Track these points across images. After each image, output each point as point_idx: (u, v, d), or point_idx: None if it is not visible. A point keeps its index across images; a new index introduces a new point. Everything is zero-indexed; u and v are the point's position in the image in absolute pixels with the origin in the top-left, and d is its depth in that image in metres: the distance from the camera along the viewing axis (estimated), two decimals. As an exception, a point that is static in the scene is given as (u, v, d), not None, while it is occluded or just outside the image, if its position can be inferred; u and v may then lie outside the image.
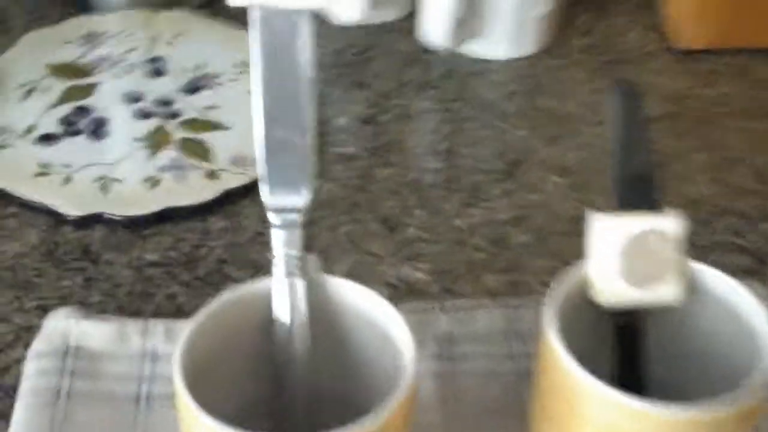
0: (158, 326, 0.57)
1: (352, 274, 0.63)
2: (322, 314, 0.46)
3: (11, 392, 0.55)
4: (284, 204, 0.45)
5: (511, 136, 0.75)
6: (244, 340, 0.46)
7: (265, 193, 0.45)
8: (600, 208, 0.48)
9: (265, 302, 0.46)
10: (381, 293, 0.47)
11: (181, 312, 0.61)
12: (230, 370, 0.46)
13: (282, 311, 0.45)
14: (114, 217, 0.66)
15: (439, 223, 0.68)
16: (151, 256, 0.65)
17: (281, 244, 0.45)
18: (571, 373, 0.43)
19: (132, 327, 0.57)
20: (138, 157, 0.70)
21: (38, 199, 0.67)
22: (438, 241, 0.66)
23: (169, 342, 0.56)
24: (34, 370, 0.55)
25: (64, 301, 0.62)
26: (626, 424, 0.42)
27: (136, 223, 0.66)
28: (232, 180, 0.68)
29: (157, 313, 0.61)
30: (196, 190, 0.67)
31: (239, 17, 0.72)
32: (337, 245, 0.66)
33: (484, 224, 0.68)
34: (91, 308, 0.61)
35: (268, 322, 0.46)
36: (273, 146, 0.44)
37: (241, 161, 0.70)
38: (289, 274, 0.45)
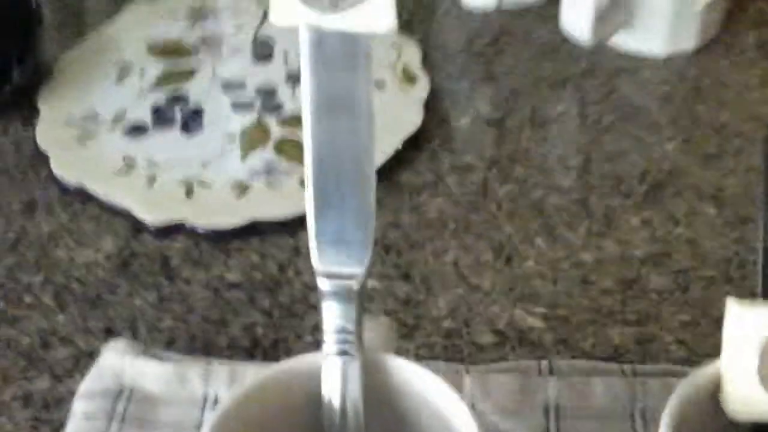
0: (222, 370, 0.50)
1: (454, 312, 0.55)
2: (378, 397, 0.39)
3: (60, 429, 0.50)
4: (338, 270, 0.37)
5: (659, 152, 0.64)
6: (285, 426, 0.39)
7: (314, 255, 0.37)
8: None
9: (311, 382, 0.38)
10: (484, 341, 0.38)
11: (256, 346, 0.54)
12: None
13: (332, 394, 0.38)
14: (197, 229, 0.59)
15: (563, 256, 0.58)
16: (232, 276, 0.58)
17: (333, 316, 0.37)
18: None
19: (193, 369, 0.50)
20: (230, 158, 0.63)
21: (119, 202, 0.61)
22: (559, 280, 0.57)
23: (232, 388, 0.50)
24: (81, 412, 0.49)
25: (132, 323, 0.56)
26: None
27: (220, 236, 0.60)
28: (330, 192, 0.61)
29: (231, 346, 0.54)
30: (289, 200, 0.60)
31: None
32: (440, 275, 0.57)
33: (616, 261, 0.58)
34: (159, 335, 0.55)
35: (314, 405, 0.38)
36: (325, 198, 0.36)
37: (342, 170, 0.62)
38: (342, 352, 0.37)
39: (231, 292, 0.57)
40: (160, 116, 0.66)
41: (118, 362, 0.50)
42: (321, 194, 0.36)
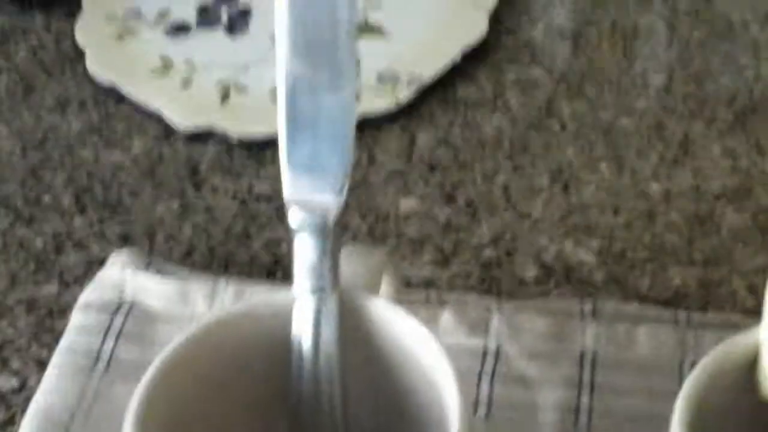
0: (229, 290, 0.46)
1: (497, 241, 0.50)
2: (353, 339, 0.34)
3: (61, 339, 0.47)
4: (311, 199, 0.32)
5: (753, 75, 0.57)
6: (248, 367, 0.34)
7: (285, 182, 0.32)
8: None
9: (281, 322, 0.33)
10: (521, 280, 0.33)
11: (278, 264, 0.50)
12: (225, 412, 0.35)
13: (303, 335, 0.33)
14: (229, 136, 0.55)
15: (628, 185, 0.52)
16: (261, 187, 0.53)
17: (306, 251, 0.32)
18: None
19: (197, 287, 0.46)
20: (272, 63, 0.58)
21: (151, 104, 0.57)
22: (620, 211, 0.51)
23: (240, 310, 0.45)
24: (77, 325, 0.46)
25: (150, 231, 0.52)
26: None
27: (253, 145, 0.55)
28: (375, 103, 0.55)
29: (252, 262, 0.50)
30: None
31: None
32: (487, 199, 0.52)
33: (688, 194, 0.51)
34: (177, 246, 0.51)
35: (283, 347, 0.34)
36: (299, 119, 0.31)
37: (391, 79, 0.57)
38: (315, 291, 0.32)
39: (258, 204, 0.53)
40: (206, 15, 0.61)
41: (119, 275, 0.47)
42: (294, 114, 0.32)
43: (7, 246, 0.52)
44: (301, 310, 0.33)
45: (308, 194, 0.32)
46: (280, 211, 0.52)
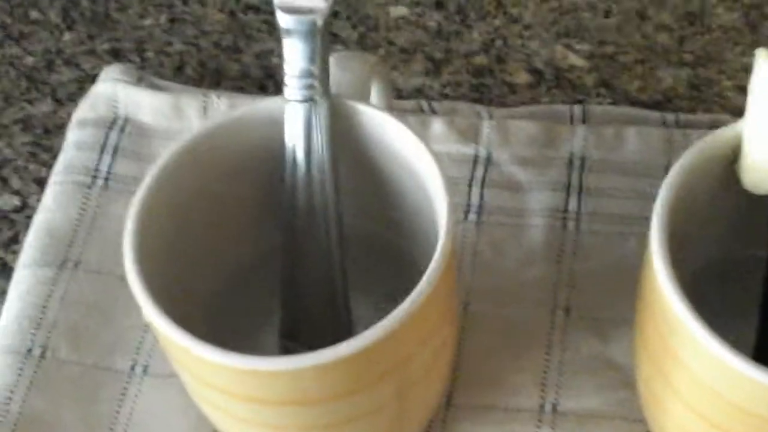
0: (222, 103, 0.46)
1: (488, 48, 0.49)
2: (344, 145, 0.34)
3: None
4: (300, 4, 0.31)
5: None
6: (241, 175, 0.35)
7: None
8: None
9: (273, 129, 0.34)
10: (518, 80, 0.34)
11: (269, 77, 0.50)
12: (220, 221, 0.36)
13: (295, 142, 0.33)
14: (214, -57, 0.54)
15: (619, -15, 0.51)
16: (250, -2, 0.53)
17: (295, 57, 0.32)
18: (680, 322, 0.29)
19: (190, 101, 0.46)
20: None
21: None
22: (611, 12, 0.50)
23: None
24: (73, 141, 0.46)
25: (140, 46, 0.52)
26: (743, 395, 0.29)
27: (240, -47, 0.54)
28: None
29: (243, 75, 0.50)
30: None
31: None
32: (478, 4, 0.51)
33: (680, -8, 0.51)
34: (168, 60, 0.51)
35: (275, 154, 0.34)
36: None
37: None
38: (306, 98, 0.32)
39: (247, 15, 0.52)
40: None
41: (112, 90, 0.47)
42: None
43: (-3, 65, 0.52)
44: (292, 117, 0.33)
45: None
46: (269, 23, 0.52)
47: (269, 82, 0.50)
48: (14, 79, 0.51)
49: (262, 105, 0.34)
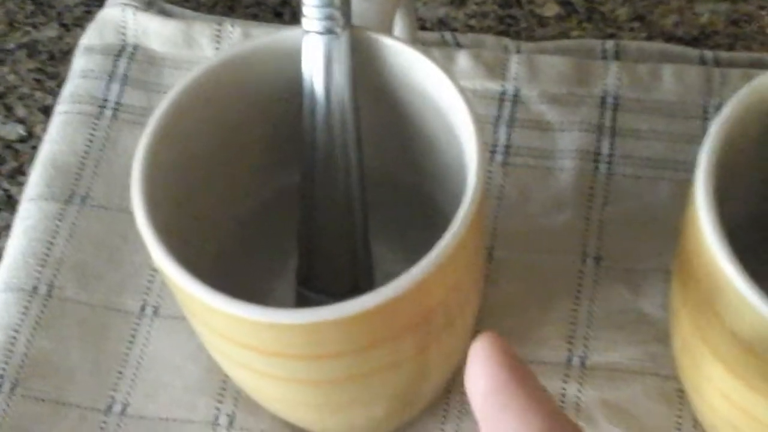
0: (235, 32, 0.44)
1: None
2: (365, 79, 0.32)
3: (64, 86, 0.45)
4: None
5: None
6: (256, 113, 0.33)
7: None
8: None
9: (292, 60, 0.32)
10: None
11: (285, 4, 0.47)
12: (235, 154, 0.34)
13: (314, 75, 0.31)
14: None
15: None
16: None
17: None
18: (727, 281, 0.27)
19: (202, 29, 0.44)
20: None
21: None
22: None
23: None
24: (80, 69, 0.44)
25: (151, -31, 0.49)
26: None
27: None
28: None
29: (258, 1, 0.48)
30: None
31: None
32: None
33: None
34: (179, -16, 0.48)
35: (294, 87, 0.32)
36: None
37: None
38: (325, 30, 0.30)
39: (263, -62, 0.50)
40: None
41: (120, 16, 0.44)
42: None
43: (1, -14, 0.49)
44: (311, 49, 0.31)
45: None
46: (286, -54, 0.49)
47: (285, 10, 0.47)
48: (18, 1, 0.49)
49: (279, 36, 0.32)
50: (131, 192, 0.30)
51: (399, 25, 0.34)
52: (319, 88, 0.31)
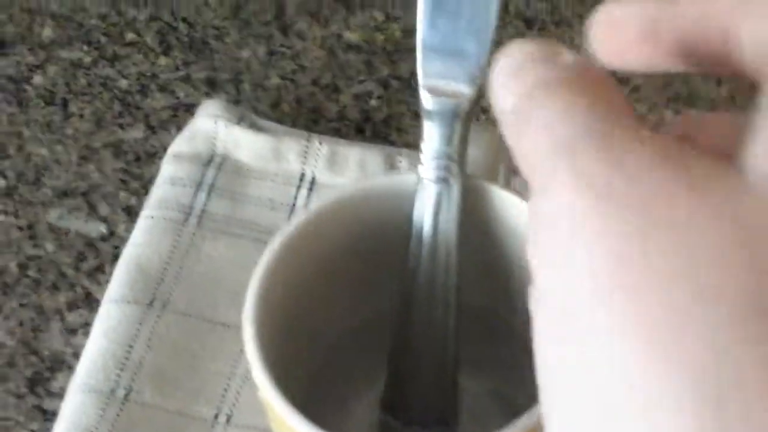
0: (323, 148, 0.45)
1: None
2: (470, 223, 0.33)
3: (149, 186, 0.46)
4: (444, 86, 0.30)
5: None
6: (361, 251, 0.34)
7: (420, 66, 0.30)
8: None
9: (402, 204, 0.33)
10: None
11: (367, 120, 0.49)
12: (340, 290, 0.34)
13: (424, 220, 0.32)
14: (317, -24, 0.53)
15: None
16: (351, 36, 0.52)
17: (435, 138, 0.31)
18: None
19: (291, 144, 0.45)
20: None
21: (235, -64, 0.54)
22: (723, 81, 0.49)
23: (331, 170, 0.45)
24: (169, 176, 0.45)
25: (236, 77, 0.50)
26: None
27: (343, -12, 0.53)
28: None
29: (340, 116, 0.49)
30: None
31: None
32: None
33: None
34: (264, 95, 0.50)
35: (402, 229, 0.33)
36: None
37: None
38: (440, 180, 0.31)
39: (347, 54, 0.51)
40: None
41: (212, 126, 0.46)
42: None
43: (91, 85, 0.51)
44: (424, 195, 0.32)
45: (442, 80, 0.30)
46: (369, 64, 0.51)
47: (367, 125, 0.49)
48: (107, 101, 0.50)
49: (394, 179, 0.33)
50: (243, 320, 0.31)
51: (502, 167, 0.35)
52: (427, 232, 0.32)
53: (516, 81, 0.22)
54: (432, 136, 0.31)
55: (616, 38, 0.23)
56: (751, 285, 0.17)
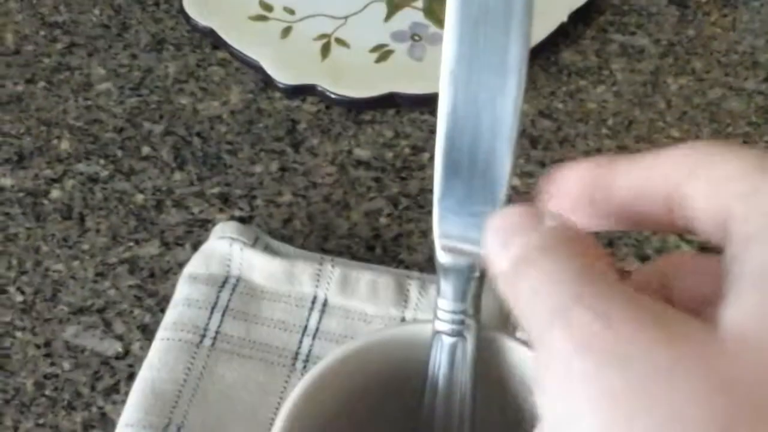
0: (335, 271, 0.46)
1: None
2: (487, 379, 0.34)
3: (163, 304, 0.47)
4: (460, 247, 0.31)
5: None
6: (379, 394, 0.35)
7: (436, 225, 0.32)
8: None
9: (416, 353, 0.34)
10: None
11: (378, 237, 0.50)
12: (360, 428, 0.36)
13: (439, 373, 0.33)
14: (329, 93, 0.54)
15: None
16: (361, 152, 0.53)
17: (450, 293, 0.32)
18: None
19: (304, 267, 0.46)
20: (373, 15, 0.57)
21: (250, 54, 0.56)
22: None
23: (343, 293, 0.46)
24: (184, 297, 0.46)
25: (250, 193, 0.52)
26: None
27: (353, 105, 0.54)
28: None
29: (351, 233, 0.50)
30: (433, 73, 0.54)
31: None
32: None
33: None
34: (277, 211, 0.51)
35: (416, 379, 0.34)
36: (456, 163, 0.30)
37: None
38: (455, 334, 0.32)
39: (358, 170, 0.52)
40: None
41: (227, 249, 0.47)
42: (451, 159, 0.31)
43: (107, 200, 0.52)
44: (439, 347, 0.33)
45: (457, 240, 0.31)
46: (379, 181, 0.52)
47: (377, 243, 0.50)
48: (123, 216, 0.51)
49: (408, 329, 0.34)
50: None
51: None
52: (442, 384, 0.33)
53: (505, 251, 0.26)
54: (448, 292, 0.32)
55: (565, 198, 0.27)
56: (729, 426, 0.21)
